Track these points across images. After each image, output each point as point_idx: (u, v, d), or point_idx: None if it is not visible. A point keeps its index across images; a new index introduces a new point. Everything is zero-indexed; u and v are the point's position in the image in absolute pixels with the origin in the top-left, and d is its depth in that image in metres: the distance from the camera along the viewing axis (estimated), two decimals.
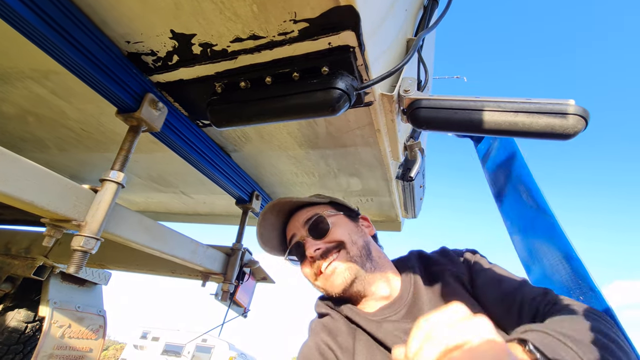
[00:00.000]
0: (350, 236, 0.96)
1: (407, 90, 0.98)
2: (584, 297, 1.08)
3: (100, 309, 2.30)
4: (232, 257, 1.51)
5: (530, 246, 1.32)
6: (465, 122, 0.90)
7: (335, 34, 0.77)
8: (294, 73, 0.85)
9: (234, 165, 1.48)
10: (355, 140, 1.21)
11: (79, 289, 2.25)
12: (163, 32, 0.84)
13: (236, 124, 0.93)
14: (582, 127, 0.81)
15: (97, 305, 2.31)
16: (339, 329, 0.89)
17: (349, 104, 0.84)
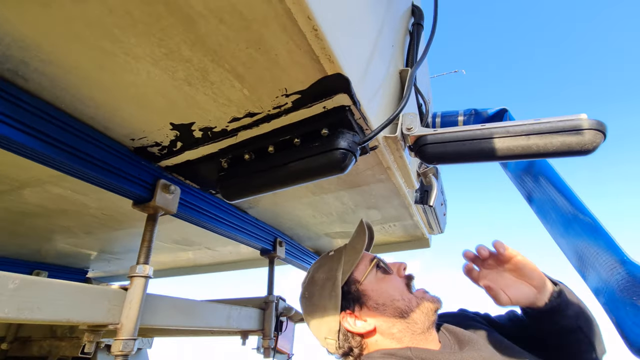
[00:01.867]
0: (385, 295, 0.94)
1: (409, 127, 0.97)
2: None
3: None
4: (266, 311, 1.50)
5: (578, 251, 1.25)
6: (475, 152, 0.88)
7: (329, 99, 0.77)
8: (295, 139, 0.85)
9: (252, 220, 1.49)
10: (367, 179, 1.20)
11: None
12: (164, 126, 0.87)
13: (246, 196, 0.93)
14: (600, 140, 0.77)
15: None
16: None
17: (355, 159, 0.84)
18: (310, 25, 0.59)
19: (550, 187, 1.38)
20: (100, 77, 0.72)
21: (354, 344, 0.86)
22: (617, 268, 1.08)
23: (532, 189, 1.50)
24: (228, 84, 0.73)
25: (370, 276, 0.92)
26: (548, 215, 1.40)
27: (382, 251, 2.11)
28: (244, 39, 0.62)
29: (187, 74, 0.70)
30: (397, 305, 0.86)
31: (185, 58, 0.66)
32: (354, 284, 0.90)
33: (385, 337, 0.85)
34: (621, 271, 1.07)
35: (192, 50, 0.65)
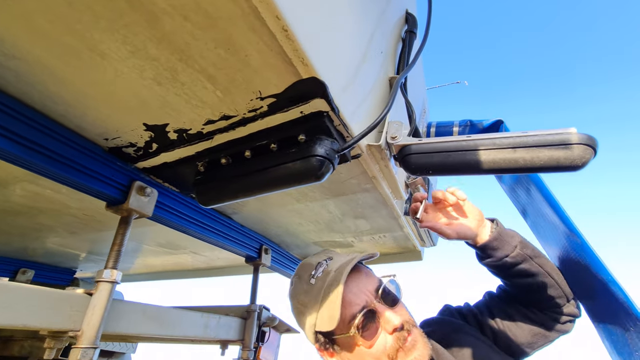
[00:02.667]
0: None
1: (394, 136, 0.94)
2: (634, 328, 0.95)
3: None
4: (248, 321, 1.46)
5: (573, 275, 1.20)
6: (460, 165, 0.84)
7: (305, 103, 0.74)
8: (272, 144, 0.82)
9: (237, 226, 1.45)
10: (352, 188, 1.16)
11: None
12: (137, 127, 0.84)
13: (223, 201, 0.90)
14: (590, 156, 0.73)
15: None
16: None
17: (332, 167, 0.80)
18: (280, 25, 0.56)
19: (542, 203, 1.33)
20: (67, 74, 0.70)
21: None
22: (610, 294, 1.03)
23: (525, 205, 1.46)
24: (200, 85, 0.70)
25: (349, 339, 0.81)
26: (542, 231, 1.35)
27: (373, 263, 2.06)
28: (212, 38, 0.59)
29: (156, 73, 0.68)
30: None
31: (152, 56, 0.64)
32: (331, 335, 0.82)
33: None
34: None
35: (158, 49, 0.62)
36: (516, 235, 1.00)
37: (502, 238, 0.97)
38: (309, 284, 0.86)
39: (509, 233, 0.99)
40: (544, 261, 0.98)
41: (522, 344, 0.98)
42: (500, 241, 0.97)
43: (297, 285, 0.91)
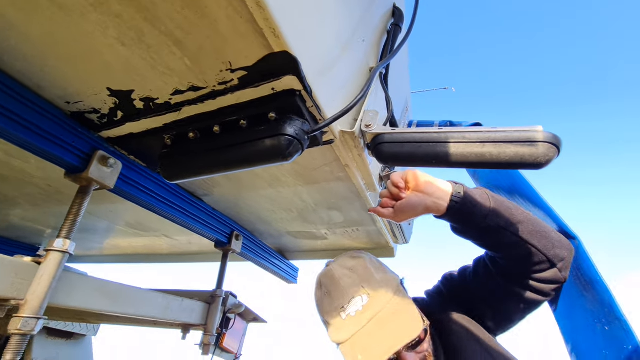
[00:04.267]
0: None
1: (368, 125, 0.93)
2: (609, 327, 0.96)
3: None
4: (212, 306, 1.43)
5: None
6: (430, 156, 0.84)
7: (277, 79, 0.73)
8: (241, 121, 0.80)
9: (207, 209, 1.42)
10: (326, 176, 1.15)
11: (66, 342, 2.16)
12: (100, 91, 0.80)
13: (188, 177, 0.87)
14: (553, 155, 0.75)
15: (87, 357, 2.22)
16: None
17: (301, 149, 0.79)
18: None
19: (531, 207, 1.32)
20: (25, 27, 0.66)
21: None
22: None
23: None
24: (166, 49, 0.67)
25: None
26: None
27: None
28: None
29: (120, 32, 0.64)
30: None
31: (115, 13, 0.61)
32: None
33: None
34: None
35: (122, 4, 0.59)
36: (486, 200, 0.85)
37: (465, 210, 0.84)
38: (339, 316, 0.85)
39: (474, 202, 0.84)
40: (521, 227, 0.84)
41: (508, 317, 0.94)
42: (463, 214, 0.84)
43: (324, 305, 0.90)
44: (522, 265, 0.85)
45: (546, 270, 0.85)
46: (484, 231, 0.84)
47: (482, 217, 0.83)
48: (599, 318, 0.96)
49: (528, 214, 0.87)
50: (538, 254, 0.83)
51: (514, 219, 0.84)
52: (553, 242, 0.85)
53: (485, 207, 0.84)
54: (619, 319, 0.89)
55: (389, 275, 0.94)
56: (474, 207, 0.84)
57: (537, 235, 0.84)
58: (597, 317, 0.96)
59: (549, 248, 0.84)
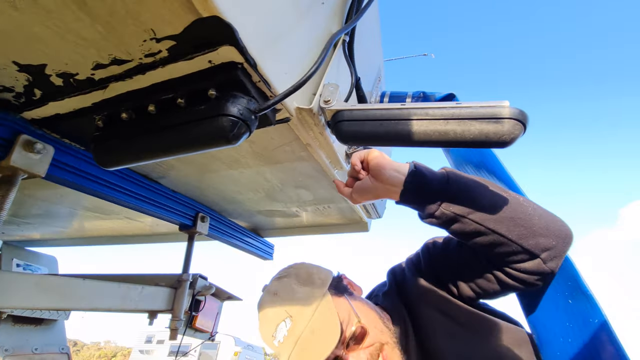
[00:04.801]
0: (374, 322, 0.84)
1: (327, 100, 0.85)
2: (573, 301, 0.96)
3: (62, 346, 2.17)
4: (178, 290, 1.38)
5: None
6: (392, 135, 0.78)
7: (213, 50, 0.63)
8: (178, 99, 0.70)
9: (166, 191, 1.33)
10: (287, 156, 1.08)
11: (35, 329, 2.10)
12: (7, 65, 0.68)
13: (124, 163, 0.78)
14: (519, 132, 0.69)
15: (59, 342, 2.18)
16: None
17: (248, 131, 0.70)
18: None
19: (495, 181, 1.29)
20: None
21: None
22: None
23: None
24: (71, 15, 0.56)
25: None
26: None
27: (319, 232, 2.04)
28: None
29: None
30: None
31: None
32: None
33: None
34: None
35: None
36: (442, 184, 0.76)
37: (417, 197, 0.77)
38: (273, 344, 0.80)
39: (427, 187, 0.76)
40: (484, 214, 0.73)
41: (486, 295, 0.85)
42: (416, 201, 0.78)
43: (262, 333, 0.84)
44: (494, 255, 0.76)
45: (526, 261, 0.74)
46: (441, 219, 0.76)
47: (436, 205, 0.75)
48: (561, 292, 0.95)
49: (500, 198, 0.75)
50: (510, 244, 0.72)
51: (476, 205, 0.74)
52: (534, 230, 0.72)
53: (440, 193, 0.76)
54: (584, 293, 0.87)
55: (315, 286, 0.85)
56: (426, 194, 0.76)
57: (507, 222, 0.72)
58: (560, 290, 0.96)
59: (525, 237, 0.71)
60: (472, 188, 0.77)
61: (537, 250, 0.72)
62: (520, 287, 0.79)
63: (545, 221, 0.74)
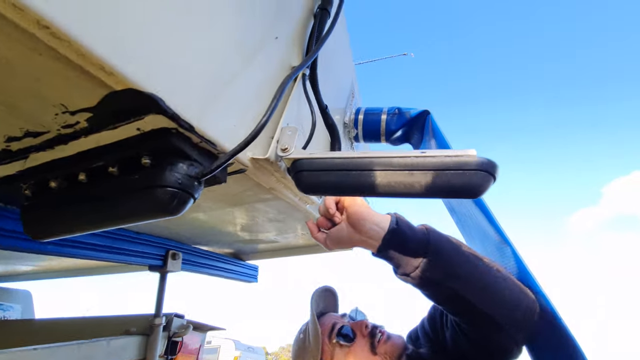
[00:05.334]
0: None
1: (284, 148, 0.78)
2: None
3: None
4: (150, 338, 1.30)
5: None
6: (355, 186, 0.71)
7: (139, 119, 0.55)
8: (110, 167, 0.62)
9: (128, 234, 1.24)
10: (250, 199, 1.01)
11: None
12: None
13: (56, 235, 0.70)
14: (488, 184, 0.64)
15: None
16: None
17: (192, 198, 0.63)
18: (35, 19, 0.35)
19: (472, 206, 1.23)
20: None
21: None
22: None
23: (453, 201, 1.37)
24: None
25: (336, 352, 0.92)
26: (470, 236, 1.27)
27: (305, 253, 1.98)
28: None
29: None
30: None
31: None
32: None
33: None
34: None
35: None
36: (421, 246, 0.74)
37: (394, 257, 0.75)
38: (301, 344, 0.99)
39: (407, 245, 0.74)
40: (461, 283, 0.71)
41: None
42: (393, 261, 0.76)
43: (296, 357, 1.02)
44: (464, 322, 0.75)
45: (494, 332, 0.73)
46: (416, 281, 0.73)
47: (412, 267, 0.73)
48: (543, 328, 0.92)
49: (475, 267, 0.73)
50: (480, 314, 0.71)
51: (452, 272, 0.72)
52: (504, 302, 0.72)
53: (418, 254, 0.73)
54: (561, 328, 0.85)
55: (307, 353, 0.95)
56: (404, 253, 0.74)
57: (481, 292, 0.71)
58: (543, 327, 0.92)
59: (495, 308, 0.71)
60: (450, 254, 0.74)
61: (505, 322, 0.72)
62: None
63: (515, 295, 0.74)
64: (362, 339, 0.93)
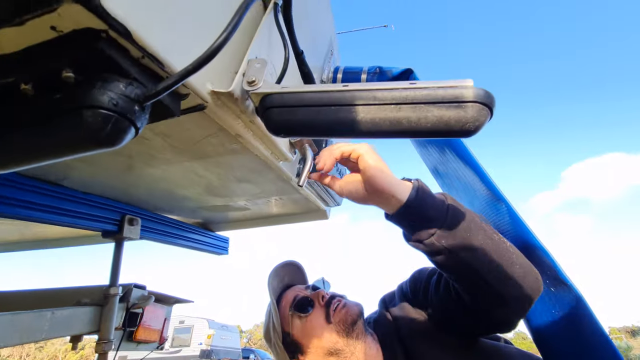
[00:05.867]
0: None
1: (251, 81, 0.67)
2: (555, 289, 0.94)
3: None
4: (105, 308, 1.18)
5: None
6: (333, 124, 0.62)
7: (51, 11, 0.41)
8: (22, 84, 0.49)
9: (74, 194, 1.09)
10: (216, 149, 0.89)
11: None
12: None
13: None
14: (485, 118, 0.57)
15: None
16: None
17: (133, 127, 0.51)
18: None
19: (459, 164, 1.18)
20: None
21: None
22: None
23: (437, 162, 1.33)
24: None
25: (295, 323, 0.95)
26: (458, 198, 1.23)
27: (277, 223, 1.89)
28: None
29: None
30: (322, 346, 0.91)
31: None
32: (287, 336, 0.95)
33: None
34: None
35: None
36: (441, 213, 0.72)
37: (412, 219, 0.72)
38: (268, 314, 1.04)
39: (425, 212, 0.71)
40: (475, 254, 0.70)
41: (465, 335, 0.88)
42: (409, 223, 0.73)
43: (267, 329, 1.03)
44: (469, 294, 0.75)
45: (496, 308, 0.74)
46: (429, 248, 0.72)
47: (427, 233, 0.71)
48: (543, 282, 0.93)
49: (491, 241, 0.73)
50: (488, 287, 0.71)
51: (470, 243, 0.70)
52: (512, 279, 0.71)
53: (435, 221, 0.71)
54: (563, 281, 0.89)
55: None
56: (422, 218, 0.71)
57: (492, 266, 0.70)
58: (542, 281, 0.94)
59: (503, 283, 0.71)
60: (467, 224, 0.72)
61: (510, 298, 0.73)
62: (490, 332, 0.84)
63: (523, 271, 0.74)
64: (319, 309, 0.96)
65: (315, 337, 0.92)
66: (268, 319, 1.04)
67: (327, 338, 0.91)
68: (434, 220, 0.71)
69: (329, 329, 0.92)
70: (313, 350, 0.92)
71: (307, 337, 0.93)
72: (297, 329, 0.95)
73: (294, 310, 0.97)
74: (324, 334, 0.91)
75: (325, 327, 0.92)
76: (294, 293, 1.02)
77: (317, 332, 0.92)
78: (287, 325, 0.96)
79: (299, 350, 0.94)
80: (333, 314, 0.93)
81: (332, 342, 0.90)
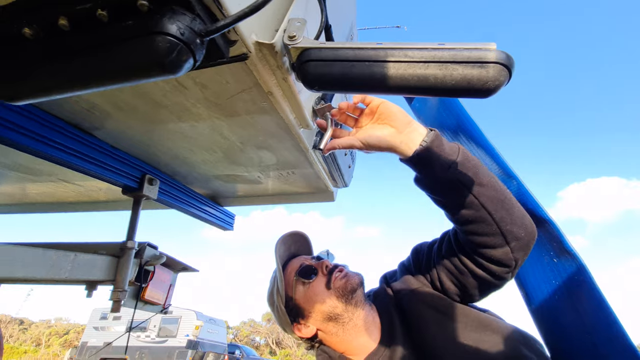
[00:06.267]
0: None
1: (292, 36, 0.73)
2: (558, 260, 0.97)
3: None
4: (121, 259, 1.23)
5: None
6: (365, 78, 0.68)
7: None
8: (99, 10, 0.54)
9: (104, 146, 1.15)
10: (247, 106, 0.95)
11: None
12: None
13: (33, 97, 0.62)
14: (504, 79, 0.63)
15: None
16: None
17: (192, 58, 0.57)
18: None
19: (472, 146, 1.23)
20: None
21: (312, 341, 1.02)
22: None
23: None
24: None
25: (298, 289, 1.01)
26: None
27: (284, 201, 1.95)
28: None
29: None
30: (322, 310, 0.96)
31: None
32: (290, 300, 1.01)
33: (327, 335, 0.98)
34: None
35: None
36: (455, 154, 0.79)
37: (430, 155, 0.77)
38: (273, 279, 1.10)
39: (444, 150, 0.78)
40: (482, 189, 0.78)
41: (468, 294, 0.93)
42: (428, 159, 0.78)
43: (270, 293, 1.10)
44: (471, 232, 0.81)
45: (497, 246, 0.80)
46: (442, 183, 0.79)
47: (444, 168, 0.77)
48: (547, 252, 0.97)
49: (496, 181, 0.81)
50: (492, 224, 0.78)
51: (477, 180, 0.78)
52: (513, 218, 0.79)
53: (450, 158, 0.78)
54: (569, 252, 0.92)
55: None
56: (438, 154, 0.77)
57: (496, 203, 0.78)
58: (546, 251, 0.98)
59: (505, 221, 0.78)
60: (476, 164, 0.81)
61: (509, 237, 0.79)
62: (490, 279, 0.86)
63: (521, 213, 0.82)
64: (321, 277, 1.01)
65: (316, 302, 0.97)
66: (273, 283, 1.09)
67: (327, 303, 0.96)
68: (449, 155, 0.78)
69: (329, 294, 0.97)
70: (313, 315, 0.97)
71: (309, 302, 0.98)
72: (299, 294, 1.00)
73: (298, 276, 1.01)
74: (325, 299, 0.96)
75: (325, 292, 0.97)
76: (299, 261, 1.07)
77: (319, 298, 0.97)
78: (291, 290, 1.01)
79: (301, 314, 0.99)
80: (334, 281, 0.99)
81: (331, 306, 0.95)
